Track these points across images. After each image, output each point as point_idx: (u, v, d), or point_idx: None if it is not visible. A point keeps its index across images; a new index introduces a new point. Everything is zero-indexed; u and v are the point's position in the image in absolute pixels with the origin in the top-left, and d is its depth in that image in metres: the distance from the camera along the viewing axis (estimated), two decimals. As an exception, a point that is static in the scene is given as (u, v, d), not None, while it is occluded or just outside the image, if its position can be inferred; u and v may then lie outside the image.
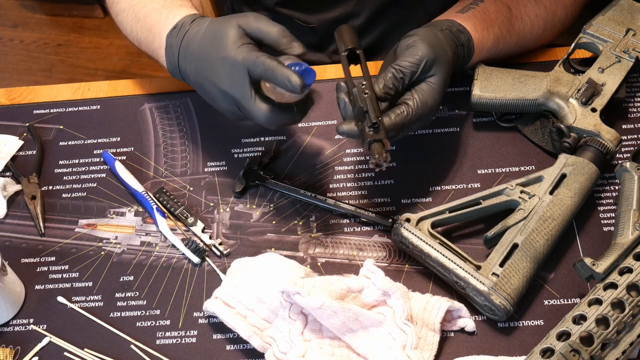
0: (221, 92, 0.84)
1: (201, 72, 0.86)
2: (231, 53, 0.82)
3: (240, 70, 0.82)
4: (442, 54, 0.85)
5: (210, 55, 0.84)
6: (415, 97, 0.83)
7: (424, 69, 0.83)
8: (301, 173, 0.95)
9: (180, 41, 0.88)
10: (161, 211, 0.92)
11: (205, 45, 0.85)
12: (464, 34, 0.90)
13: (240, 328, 0.80)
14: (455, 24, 0.91)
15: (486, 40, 0.93)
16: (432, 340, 0.79)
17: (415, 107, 0.82)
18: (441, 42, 0.86)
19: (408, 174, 0.94)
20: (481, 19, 0.93)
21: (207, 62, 0.85)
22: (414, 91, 0.83)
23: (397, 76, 0.82)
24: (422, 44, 0.83)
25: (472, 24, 0.92)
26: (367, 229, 0.90)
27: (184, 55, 0.88)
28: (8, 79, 2.34)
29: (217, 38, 0.84)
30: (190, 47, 0.87)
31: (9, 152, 1.01)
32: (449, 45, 0.87)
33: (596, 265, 0.76)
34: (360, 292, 0.80)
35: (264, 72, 0.80)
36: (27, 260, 0.91)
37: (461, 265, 0.80)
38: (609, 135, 0.88)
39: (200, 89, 0.89)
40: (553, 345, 0.73)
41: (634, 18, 0.98)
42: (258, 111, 0.82)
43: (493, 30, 0.94)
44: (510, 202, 0.85)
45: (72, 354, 0.83)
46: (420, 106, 0.83)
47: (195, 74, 0.87)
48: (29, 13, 2.51)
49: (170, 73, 0.92)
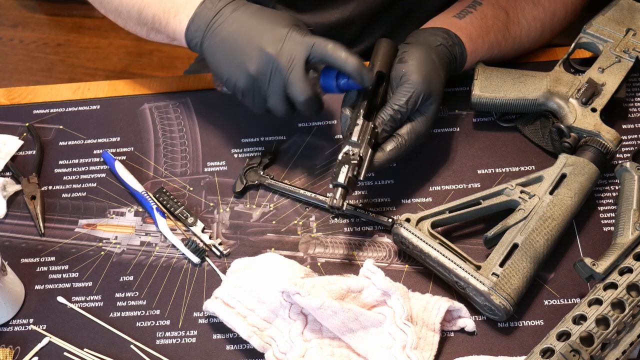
0: (264, 57, 0.83)
1: (246, 33, 0.85)
2: (293, 29, 0.84)
3: (301, 45, 0.83)
4: (436, 82, 0.86)
5: (266, 22, 0.85)
6: (410, 129, 0.86)
7: (419, 103, 0.85)
8: (301, 173, 0.95)
9: (222, 6, 0.87)
10: (161, 211, 0.92)
11: (264, 15, 0.86)
12: (458, 46, 0.91)
13: (240, 328, 0.80)
14: (450, 36, 0.91)
15: (480, 49, 0.94)
16: (432, 340, 0.79)
17: (409, 140, 0.86)
18: (435, 67, 0.87)
19: (408, 173, 0.94)
20: (477, 26, 0.94)
21: (259, 26, 0.85)
22: (408, 123, 0.86)
23: (396, 117, 0.85)
24: (417, 76, 0.85)
25: (467, 32, 0.93)
26: (367, 229, 0.90)
27: (226, 12, 0.87)
28: (8, 78, 2.34)
29: (279, 18, 0.86)
30: (241, 10, 0.87)
31: (9, 152, 1.01)
32: (442, 66, 0.88)
33: (596, 265, 0.76)
34: (360, 292, 0.80)
35: (327, 54, 0.82)
36: (27, 260, 0.91)
37: (461, 265, 0.80)
38: (609, 135, 0.88)
39: (227, 51, 0.86)
40: (553, 345, 0.73)
41: (634, 18, 0.98)
42: (304, 90, 0.83)
43: (488, 37, 0.94)
44: (510, 202, 0.85)
45: (72, 354, 0.83)
46: (415, 137, 0.86)
47: (235, 33, 0.86)
48: (29, 13, 2.51)
49: (179, 23, 0.90)
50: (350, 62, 0.82)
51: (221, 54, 0.87)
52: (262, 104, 0.87)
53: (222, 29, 0.87)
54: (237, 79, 0.86)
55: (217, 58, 0.88)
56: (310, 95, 0.84)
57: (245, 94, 0.87)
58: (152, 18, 0.94)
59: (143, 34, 0.98)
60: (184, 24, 0.90)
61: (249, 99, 0.87)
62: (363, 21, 1.10)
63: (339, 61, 0.83)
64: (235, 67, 0.86)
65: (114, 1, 0.98)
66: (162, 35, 0.95)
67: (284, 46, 0.83)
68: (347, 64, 0.83)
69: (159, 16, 0.93)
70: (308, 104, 0.85)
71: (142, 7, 0.94)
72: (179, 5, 0.91)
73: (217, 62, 0.88)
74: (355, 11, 1.08)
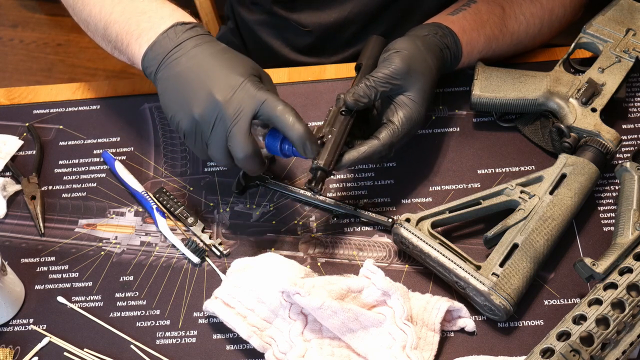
0: (211, 102, 0.79)
1: (200, 73, 0.81)
2: (249, 80, 0.80)
3: (251, 99, 0.79)
4: (420, 65, 0.86)
5: (223, 67, 0.81)
6: (399, 114, 0.85)
7: (399, 81, 0.85)
8: (301, 173, 0.95)
9: (184, 39, 0.84)
10: (161, 211, 0.92)
11: (224, 58, 0.82)
12: (449, 36, 0.91)
13: (240, 328, 0.80)
14: (441, 28, 0.91)
15: (476, 41, 0.94)
16: (432, 340, 0.79)
17: (401, 124, 0.85)
18: (420, 51, 0.87)
19: (408, 173, 0.94)
20: (471, 20, 0.94)
21: (216, 69, 0.81)
22: (397, 108, 0.86)
23: (369, 85, 0.84)
24: (397, 57, 0.85)
25: (460, 25, 0.93)
26: (367, 229, 0.90)
27: (187, 46, 0.83)
28: (8, 78, 2.34)
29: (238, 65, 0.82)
30: (203, 47, 0.83)
31: (9, 152, 1.01)
32: (430, 52, 0.88)
33: (596, 265, 0.76)
34: (360, 292, 0.80)
35: (275, 115, 0.78)
36: (27, 260, 0.91)
37: (461, 265, 0.80)
38: (609, 135, 0.88)
39: (177, 87, 0.82)
40: (553, 345, 0.73)
41: (634, 18, 0.98)
42: (244, 146, 0.78)
43: (484, 30, 0.95)
44: (510, 202, 0.85)
45: (72, 354, 0.83)
46: (406, 122, 0.85)
47: (189, 71, 0.82)
48: (29, 13, 2.51)
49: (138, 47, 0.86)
50: (295, 129, 0.78)
51: (172, 89, 0.83)
52: (203, 150, 0.83)
53: (178, 63, 0.83)
54: (180, 119, 0.81)
55: (167, 92, 0.83)
56: (249, 153, 0.79)
57: (187, 136, 0.82)
58: (115, 37, 0.90)
59: (108, 50, 0.95)
60: (143, 49, 0.86)
61: (190, 142, 0.83)
62: (361, 21, 1.10)
63: (284, 125, 0.78)
64: (181, 106, 0.81)
65: (83, 12, 0.95)
66: (124, 57, 0.92)
67: (234, 96, 0.79)
68: (292, 131, 0.78)
69: (121, 36, 0.89)
70: (246, 161, 0.80)
71: (108, 24, 0.91)
72: (142, 29, 0.87)
73: (166, 96, 0.83)
74: (354, 11, 1.08)
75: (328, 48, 1.15)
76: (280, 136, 0.81)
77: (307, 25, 1.12)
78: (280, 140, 0.81)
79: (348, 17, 1.09)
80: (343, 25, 1.10)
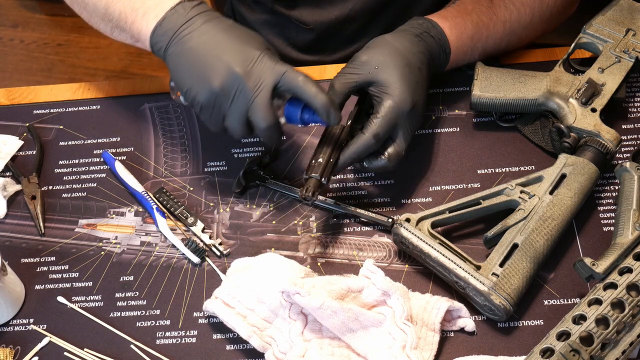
0: (231, 75, 0.81)
1: (216, 47, 0.82)
2: (266, 53, 0.82)
3: (271, 70, 0.81)
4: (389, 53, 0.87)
5: (238, 41, 0.83)
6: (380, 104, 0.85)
7: (362, 72, 0.86)
8: (301, 173, 0.95)
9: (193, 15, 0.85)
10: (161, 211, 0.92)
11: (237, 33, 0.84)
12: (426, 23, 0.92)
13: (240, 328, 0.80)
14: (417, 20, 0.92)
15: (462, 27, 0.93)
16: (432, 340, 0.79)
17: (382, 113, 0.84)
18: (386, 41, 0.88)
19: (408, 174, 0.94)
20: (453, 10, 0.95)
21: (231, 43, 0.82)
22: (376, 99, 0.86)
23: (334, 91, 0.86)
24: (356, 54, 0.88)
25: (441, 15, 0.94)
26: (367, 229, 0.90)
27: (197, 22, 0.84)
28: (8, 79, 2.34)
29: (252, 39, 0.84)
30: (213, 23, 0.84)
31: (9, 152, 1.01)
32: (401, 39, 0.89)
33: (596, 265, 0.76)
34: (360, 292, 0.80)
35: (297, 85, 0.81)
36: (27, 260, 0.91)
37: (461, 265, 0.80)
38: (609, 135, 0.88)
39: (192, 61, 0.83)
40: (553, 345, 0.73)
41: (634, 18, 0.98)
42: (267, 116, 0.82)
43: (470, 17, 0.94)
44: (510, 202, 0.85)
45: (72, 354, 0.83)
46: (388, 109, 0.84)
47: (204, 45, 0.83)
48: (29, 13, 2.51)
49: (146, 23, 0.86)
50: (319, 98, 0.81)
51: (186, 63, 0.84)
52: (218, 122, 0.85)
53: (190, 37, 0.84)
54: (198, 92, 0.83)
55: (180, 67, 0.85)
56: (271, 123, 0.82)
57: (204, 108, 0.84)
58: (118, 15, 0.90)
59: (107, 31, 0.94)
60: (151, 26, 0.86)
61: (206, 114, 0.84)
62: (362, 18, 1.10)
63: (308, 95, 0.81)
64: (199, 79, 0.83)
65: None
66: (125, 35, 0.91)
67: (254, 68, 0.81)
68: (316, 100, 0.81)
69: (125, 14, 0.89)
70: (268, 132, 0.83)
71: (110, 2, 0.90)
72: (148, 6, 0.87)
73: (180, 71, 0.85)
74: (355, 9, 1.09)
75: (329, 46, 1.15)
76: (300, 105, 0.84)
77: (308, 23, 1.12)
78: (300, 109, 0.84)
79: (349, 14, 1.09)
80: (344, 23, 1.10)
